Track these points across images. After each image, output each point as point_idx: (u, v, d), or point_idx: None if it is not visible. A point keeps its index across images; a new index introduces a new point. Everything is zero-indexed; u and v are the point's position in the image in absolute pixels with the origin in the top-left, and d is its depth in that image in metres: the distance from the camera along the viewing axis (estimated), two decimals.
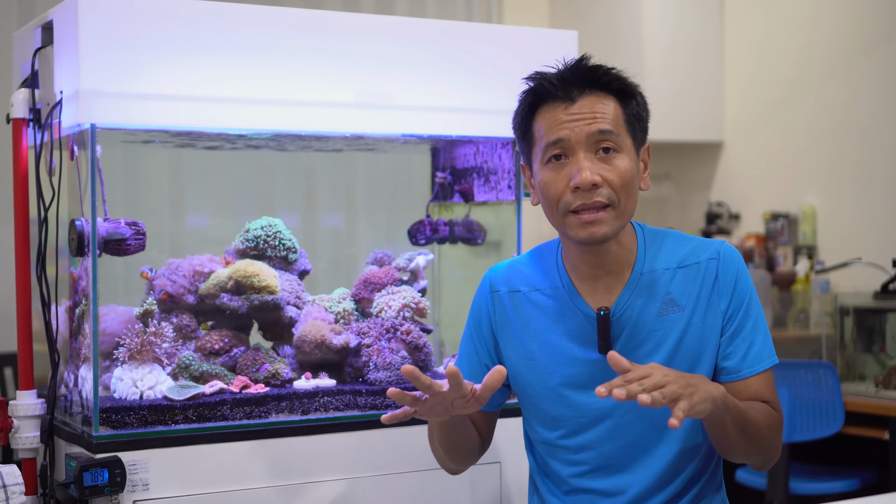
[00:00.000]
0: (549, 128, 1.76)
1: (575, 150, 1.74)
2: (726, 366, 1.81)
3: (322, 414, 2.30)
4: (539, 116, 1.78)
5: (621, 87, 1.78)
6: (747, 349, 1.81)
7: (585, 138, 1.74)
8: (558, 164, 1.76)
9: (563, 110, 1.75)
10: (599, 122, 1.74)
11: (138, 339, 2.24)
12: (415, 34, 2.45)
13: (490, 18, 5.36)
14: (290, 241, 2.54)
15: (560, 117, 1.75)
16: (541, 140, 1.77)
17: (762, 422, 1.77)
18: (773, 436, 1.80)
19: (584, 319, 1.83)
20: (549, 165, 1.77)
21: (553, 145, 1.75)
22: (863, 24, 4.56)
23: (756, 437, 1.76)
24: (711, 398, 1.63)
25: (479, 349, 1.93)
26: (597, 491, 1.84)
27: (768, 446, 1.80)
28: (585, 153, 1.74)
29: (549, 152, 1.76)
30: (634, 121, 1.79)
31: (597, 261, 1.82)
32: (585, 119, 1.74)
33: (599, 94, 1.76)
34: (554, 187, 1.76)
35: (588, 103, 1.75)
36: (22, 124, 2.28)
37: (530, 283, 1.89)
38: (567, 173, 1.74)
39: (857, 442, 3.81)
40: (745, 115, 5.11)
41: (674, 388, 1.56)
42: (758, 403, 1.79)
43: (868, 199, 4.52)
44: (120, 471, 2.05)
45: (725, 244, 1.85)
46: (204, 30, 2.22)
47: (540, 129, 1.78)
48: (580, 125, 1.74)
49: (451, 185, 2.85)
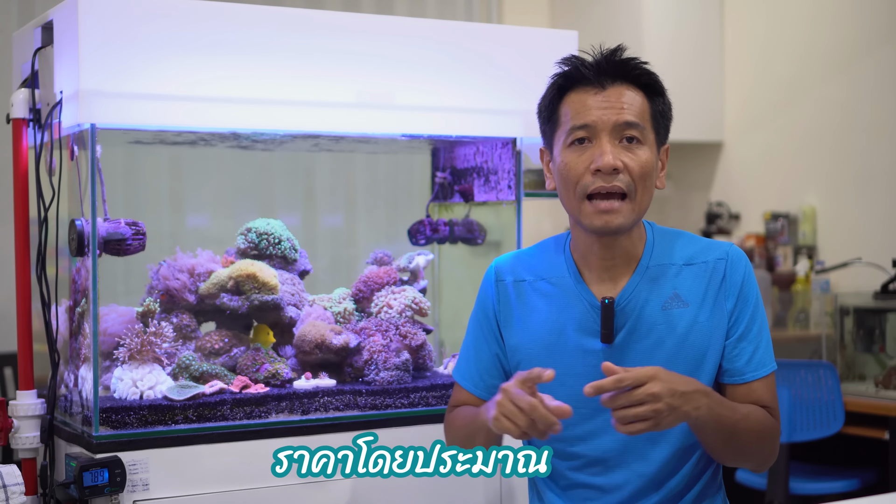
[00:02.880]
0: (577, 112, 1.79)
1: (599, 136, 1.77)
2: (730, 368, 1.81)
3: (322, 414, 2.30)
4: (567, 100, 1.81)
5: (651, 82, 1.82)
6: (752, 353, 1.81)
7: (612, 126, 1.77)
8: (581, 147, 1.79)
9: (592, 95, 1.79)
10: (627, 112, 1.77)
11: (138, 339, 2.24)
12: (415, 34, 2.45)
13: (490, 18, 5.36)
14: (290, 240, 2.54)
15: (589, 102, 1.78)
16: (566, 123, 1.80)
17: (753, 431, 1.78)
18: (763, 444, 1.81)
19: (589, 308, 1.84)
20: (571, 147, 1.79)
21: (579, 129, 1.78)
22: (863, 25, 4.56)
23: (741, 447, 1.78)
24: (693, 416, 1.67)
25: (487, 337, 1.93)
26: (594, 486, 1.84)
27: (756, 454, 1.82)
28: (610, 139, 1.77)
29: (574, 135, 1.79)
30: (659, 117, 1.83)
31: (607, 252, 1.83)
32: (614, 108, 1.77)
33: (629, 85, 1.80)
34: (575, 169, 1.78)
35: (617, 92, 1.79)
36: (22, 124, 2.28)
37: (536, 273, 1.90)
38: (589, 156, 1.77)
39: (857, 442, 3.80)
40: (745, 115, 5.11)
41: (650, 424, 1.62)
42: (755, 410, 1.79)
43: (868, 199, 4.52)
44: (120, 471, 2.04)
45: (734, 247, 1.87)
46: (204, 30, 2.22)
47: (567, 113, 1.80)
48: (608, 113, 1.77)
49: (451, 185, 2.85)
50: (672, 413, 1.64)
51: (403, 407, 2.37)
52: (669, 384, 1.63)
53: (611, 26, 5.15)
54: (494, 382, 1.90)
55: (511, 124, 2.50)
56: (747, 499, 3.89)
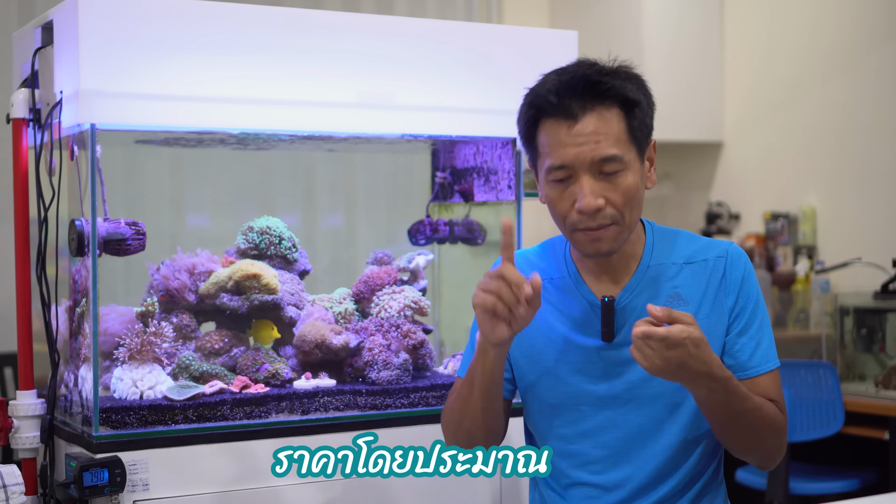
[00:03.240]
0: (552, 148, 1.75)
1: (578, 174, 1.74)
2: (734, 363, 1.81)
3: (322, 414, 2.30)
4: (542, 129, 1.77)
5: (623, 97, 1.75)
6: (755, 348, 1.81)
7: (589, 163, 1.73)
8: (562, 184, 1.76)
9: (566, 130, 1.73)
10: (603, 145, 1.72)
11: (138, 339, 2.25)
12: (415, 34, 2.45)
13: (490, 18, 5.36)
14: (290, 240, 2.54)
15: (563, 139, 1.74)
16: (545, 157, 1.77)
17: (765, 422, 1.77)
18: (771, 437, 1.80)
19: (589, 307, 1.84)
20: (553, 185, 1.78)
21: (557, 169, 1.75)
22: (863, 25, 4.56)
23: (752, 435, 1.77)
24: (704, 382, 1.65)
25: None
26: (595, 485, 1.84)
27: (764, 447, 1.80)
28: (588, 176, 1.74)
29: (554, 175, 1.76)
30: (638, 131, 1.77)
31: (604, 260, 1.84)
32: (589, 143, 1.72)
33: (601, 108, 1.74)
34: (560, 206, 1.77)
35: (591, 122, 1.73)
36: (22, 124, 2.28)
37: (538, 271, 1.89)
38: (571, 193, 1.75)
39: (857, 442, 3.81)
40: (745, 115, 5.11)
41: (661, 363, 1.61)
42: (767, 403, 1.79)
43: (868, 199, 4.52)
44: (120, 471, 2.04)
45: (734, 245, 1.87)
46: (204, 30, 2.22)
47: (544, 145, 1.77)
48: (584, 150, 1.73)
49: (451, 185, 2.85)
50: (688, 361, 1.62)
51: (403, 407, 2.37)
52: (692, 341, 1.62)
53: (611, 26, 5.15)
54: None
55: (511, 124, 2.47)
56: (747, 499, 3.89)
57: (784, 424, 1.82)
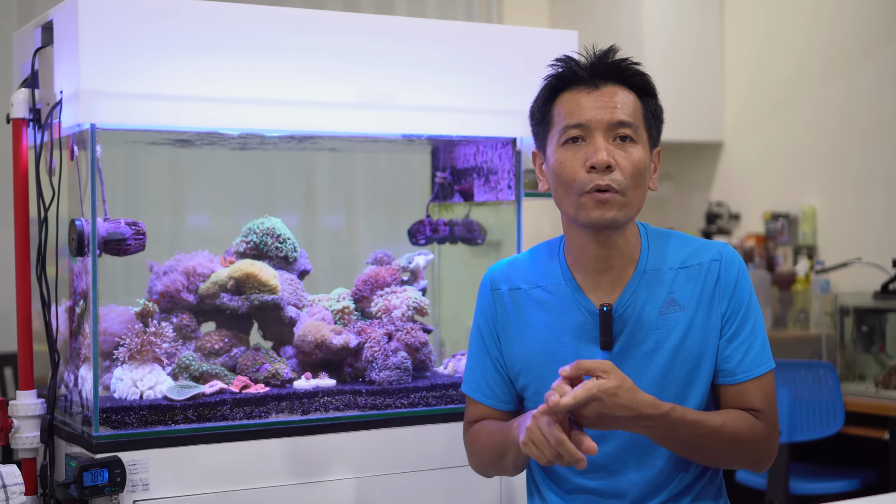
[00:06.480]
0: (571, 111, 1.80)
1: (593, 134, 1.78)
2: (723, 369, 1.82)
3: (322, 414, 2.30)
4: (560, 100, 1.82)
5: (643, 83, 1.83)
6: (744, 354, 1.81)
7: (606, 125, 1.78)
8: (575, 145, 1.79)
9: (586, 95, 1.80)
10: (620, 111, 1.79)
11: (138, 339, 2.25)
12: (415, 34, 2.46)
13: (490, 18, 5.36)
14: (290, 240, 2.54)
15: (582, 102, 1.80)
16: (559, 123, 1.81)
17: (727, 441, 1.76)
18: (742, 451, 1.79)
19: (587, 315, 1.83)
20: (565, 146, 1.80)
21: (573, 127, 1.79)
22: (863, 25, 4.56)
23: (713, 456, 1.79)
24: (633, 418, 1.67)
25: (489, 346, 1.93)
26: (597, 491, 1.85)
27: (736, 461, 1.82)
28: (602, 137, 1.78)
29: (568, 134, 1.79)
30: (651, 118, 1.84)
31: (602, 253, 1.82)
32: (608, 107, 1.79)
33: (622, 86, 1.81)
34: (570, 167, 1.79)
35: (611, 92, 1.80)
36: (22, 124, 2.28)
37: (531, 281, 1.90)
38: (584, 155, 1.78)
39: (857, 442, 3.80)
40: (745, 115, 5.11)
41: (582, 421, 1.66)
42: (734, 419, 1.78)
43: (868, 199, 4.52)
44: (120, 471, 2.05)
45: (728, 247, 1.87)
46: (204, 30, 2.22)
47: (560, 113, 1.81)
48: (602, 112, 1.78)
49: (451, 185, 2.85)
50: (606, 412, 1.66)
51: (403, 407, 2.37)
52: (619, 387, 1.65)
53: (611, 26, 5.15)
54: (505, 390, 1.91)
55: (511, 124, 2.50)
56: (747, 499, 3.89)
57: (763, 433, 1.81)
